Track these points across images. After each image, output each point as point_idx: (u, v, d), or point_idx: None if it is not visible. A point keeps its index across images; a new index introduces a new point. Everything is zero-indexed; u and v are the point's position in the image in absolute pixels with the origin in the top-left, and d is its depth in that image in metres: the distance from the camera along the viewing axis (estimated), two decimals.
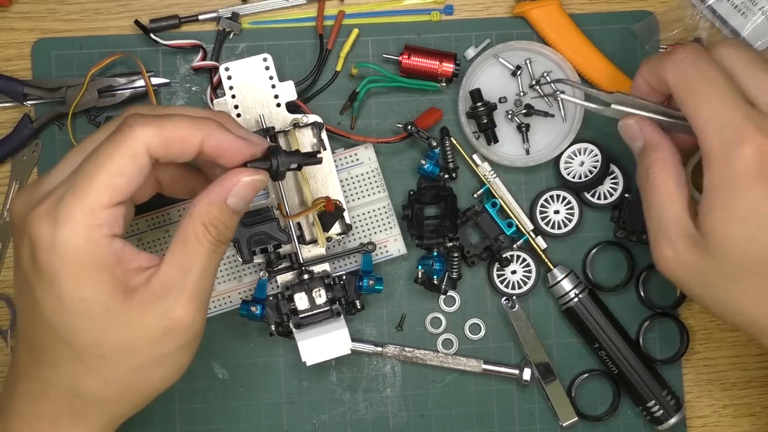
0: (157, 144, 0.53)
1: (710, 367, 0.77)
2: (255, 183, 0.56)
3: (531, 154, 0.75)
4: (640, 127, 0.63)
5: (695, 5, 0.76)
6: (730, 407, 0.77)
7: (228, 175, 0.55)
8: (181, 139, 0.54)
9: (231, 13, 0.74)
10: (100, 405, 0.56)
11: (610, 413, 0.75)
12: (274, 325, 0.70)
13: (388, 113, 0.76)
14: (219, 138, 0.55)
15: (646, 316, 0.76)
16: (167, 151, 0.54)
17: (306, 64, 0.75)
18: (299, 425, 0.75)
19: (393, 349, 0.75)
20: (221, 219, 0.55)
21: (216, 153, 0.55)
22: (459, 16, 0.76)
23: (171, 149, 0.54)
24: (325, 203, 0.68)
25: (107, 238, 0.53)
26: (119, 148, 0.52)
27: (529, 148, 0.74)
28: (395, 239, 0.73)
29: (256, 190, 0.56)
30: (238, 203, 0.55)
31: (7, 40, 0.75)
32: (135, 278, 0.55)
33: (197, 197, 0.55)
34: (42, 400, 0.56)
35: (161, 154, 0.53)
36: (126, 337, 0.54)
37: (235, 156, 0.56)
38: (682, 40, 0.76)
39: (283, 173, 0.58)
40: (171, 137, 0.53)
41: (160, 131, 0.53)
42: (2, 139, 0.74)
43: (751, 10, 0.75)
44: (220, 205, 0.55)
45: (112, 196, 0.52)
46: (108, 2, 0.75)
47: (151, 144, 0.53)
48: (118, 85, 0.74)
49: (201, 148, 0.55)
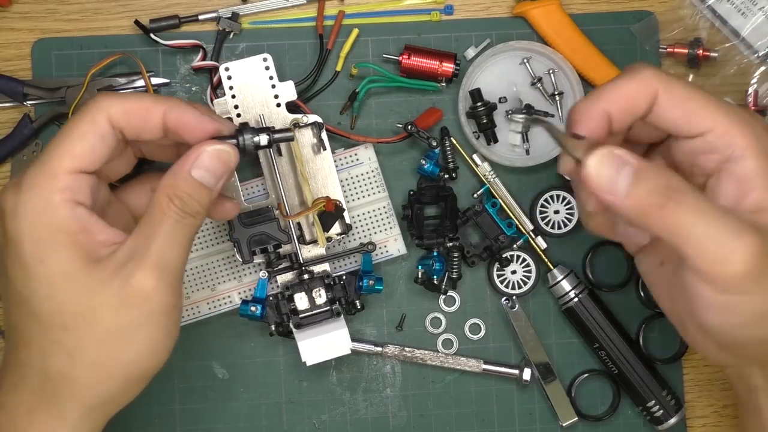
0: (118, 113, 0.55)
1: (710, 367, 0.77)
2: (219, 153, 0.55)
3: (531, 154, 0.75)
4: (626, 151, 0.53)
5: (695, 5, 0.76)
6: (730, 407, 0.77)
7: (192, 149, 0.56)
8: (143, 109, 0.56)
9: (231, 13, 0.74)
10: (70, 386, 0.55)
11: (610, 413, 0.75)
12: (274, 325, 0.70)
13: (388, 113, 0.76)
14: (181, 112, 0.56)
15: (646, 316, 0.76)
16: (129, 122, 0.56)
17: (306, 64, 0.75)
18: (299, 425, 0.75)
19: (393, 349, 0.75)
20: (185, 190, 0.55)
21: (179, 127, 0.56)
22: (459, 16, 0.76)
23: (132, 120, 0.56)
24: (325, 203, 0.68)
25: (69, 202, 0.54)
26: (82, 117, 0.56)
27: (529, 148, 0.75)
28: (395, 239, 0.73)
29: (223, 163, 0.56)
30: (204, 175, 0.55)
31: (7, 40, 0.75)
32: (102, 250, 0.55)
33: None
34: (20, 388, 0.56)
35: (124, 124, 0.56)
36: (87, 305, 0.54)
37: (198, 131, 0.57)
38: (682, 40, 0.76)
39: (252, 148, 0.57)
40: (132, 107, 0.56)
41: (121, 101, 0.56)
42: (2, 139, 0.74)
43: (751, 10, 0.75)
44: (184, 176, 0.55)
45: (73, 161, 0.55)
46: (108, 2, 0.75)
47: (112, 113, 0.55)
48: (118, 85, 0.74)
49: (164, 123, 0.56)
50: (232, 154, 0.56)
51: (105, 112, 0.55)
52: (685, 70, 0.77)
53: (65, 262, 0.54)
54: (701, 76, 0.76)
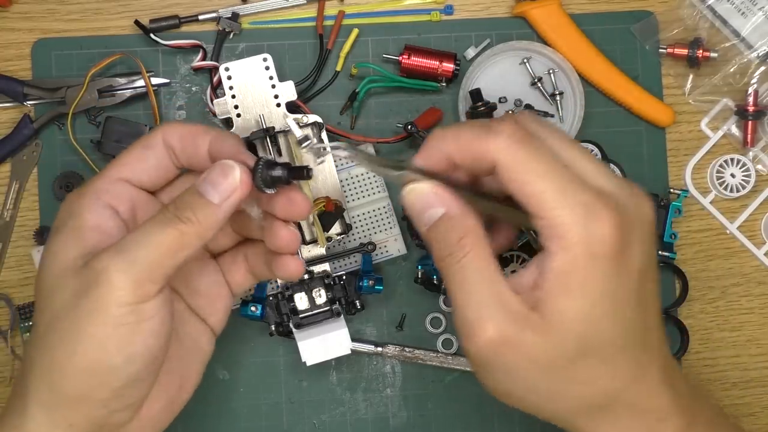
0: (171, 134, 0.58)
1: (710, 367, 0.77)
2: (223, 168, 0.55)
3: None
4: (439, 193, 0.54)
5: (695, 5, 0.76)
6: (730, 407, 0.77)
7: None
8: (193, 133, 0.58)
9: (231, 13, 0.74)
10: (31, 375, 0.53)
11: None
12: (274, 325, 0.70)
13: (388, 113, 0.76)
14: (223, 140, 0.57)
15: None
16: (181, 143, 0.58)
17: (306, 64, 0.75)
18: (299, 425, 0.75)
19: (393, 349, 0.75)
20: (183, 197, 0.55)
21: (218, 155, 0.56)
22: (459, 16, 0.76)
23: (184, 142, 0.58)
24: (325, 203, 0.68)
25: (98, 200, 0.56)
26: (141, 137, 0.59)
27: None
28: (395, 239, 0.73)
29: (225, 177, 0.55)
30: (206, 187, 0.54)
31: (7, 40, 0.75)
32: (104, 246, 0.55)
33: None
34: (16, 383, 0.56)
35: (176, 145, 0.58)
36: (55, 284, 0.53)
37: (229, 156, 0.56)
38: (682, 40, 0.76)
39: (267, 181, 0.56)
40: (184, 131, 0.58)
41: (176, 125, 0.58)
42: (2, 139, 0.74)
43: (751, 10, 0.75)
44: (190, 187, 0.55)
45: (119, 168, 0.57)
46: (108, 2, 0.75)
47: (167, 133, 0.58)
48: (118, 85, 0.74)
49: (210, 150, 0.57)
50: (236, 169, 0.55)
51: (160, 132, 0.58)
52: (685, 70, 0.77)
53: (63, 245, 0.54)
54: (701, 76, 0.77)
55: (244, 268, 0.63)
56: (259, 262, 0.63)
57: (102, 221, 0.55)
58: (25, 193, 0.75)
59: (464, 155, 0.54)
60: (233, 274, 0.63)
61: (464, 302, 0.52)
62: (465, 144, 0.53)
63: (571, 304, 0.51)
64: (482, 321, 0.52)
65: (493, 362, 0.52)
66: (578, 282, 0.51)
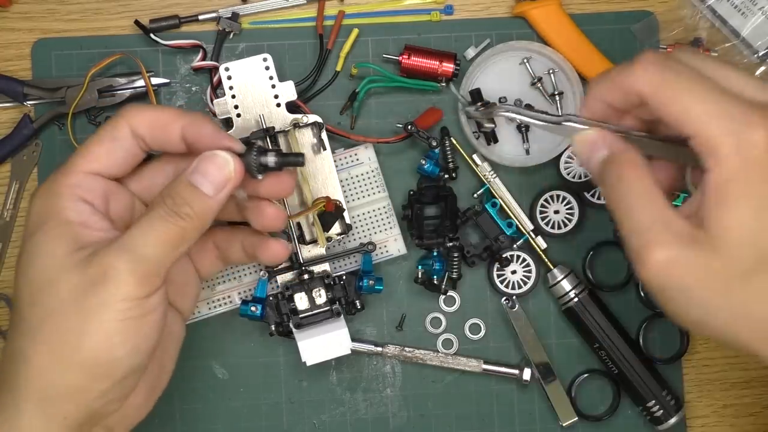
0: (139, 122, 0.57)
1: (710, 367, 0.77)
2: (215, 159, 0.55)
3: (531, 154, 0.75)
4: (603, 137, 0.57)
5: (695, 5, 0.76)
6: (730, 407, 0.77)
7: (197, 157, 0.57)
8: (163, 120, 0.58)
9: (231, 13, 0.74)
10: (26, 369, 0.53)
11: (610, 413, 0.76)
12: (274, 325, 0.70)
13: (388, 113, 0.76)
14: (200, 126, 0.57)
15: (646, 316, 0.76)
16: (150, 131, 0.57)
17: (306, 64, 0.75)
18: (299, 425, 0.75)
19: (393, 349, 0.75)
20: (178, 191, 0.55)
21: (196, 141, 0.57)
22: (459, 16, 0.76)
23: (153, 130, 0.57)
24: (325, 203, 0.68)
25: (74, 196, 0.56)
26: (106, 124, 0.58)
27: (529, 148, 0.75)
28: (395, 239, 0.73)
29: (218, 168, 0.55)
30: (199, 179, 0.55)
31: (7, 40, 0.75)
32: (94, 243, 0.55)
33: None
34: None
35: (145, 133, 0.57)
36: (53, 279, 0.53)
37: (212, 146, 0.57)
38: (682, 40, 0.76)
39: (259, 167, 0.57)
40: (153, 117, 0.58)
41: (142, 111, 0.58)
42: (2, 139, 0.74)
43: (751, 10, 0.75)
44: (180, 179, 0.56)
45: (88, 162, 0.57)
46: (108, 2, 0.75)
47: (133, 122, 0.57)
48: (118, 85, 0.74)
49: (183, 136, 0.57)
50: (231, 162, 0.56)
51: (126, 121, 0.57)
52: None
53: (52, 242, 0.54)
54: None
55: (213, 255, 0.65)
56: (231, 247, 0.64)
57: (85, 217, 0.56)
58: (25, 193, 0.75)
59: (615, 94, 0.55)
60: (202, 261, 0.64)
61: (631, 229, 0.53)
62: (613, 82, 0.55)
63: (733, 215, 0.50)
64: (650, 245, 0.52)
65: (667, 286, 0.52)
66: (737, 191, 0.50)
